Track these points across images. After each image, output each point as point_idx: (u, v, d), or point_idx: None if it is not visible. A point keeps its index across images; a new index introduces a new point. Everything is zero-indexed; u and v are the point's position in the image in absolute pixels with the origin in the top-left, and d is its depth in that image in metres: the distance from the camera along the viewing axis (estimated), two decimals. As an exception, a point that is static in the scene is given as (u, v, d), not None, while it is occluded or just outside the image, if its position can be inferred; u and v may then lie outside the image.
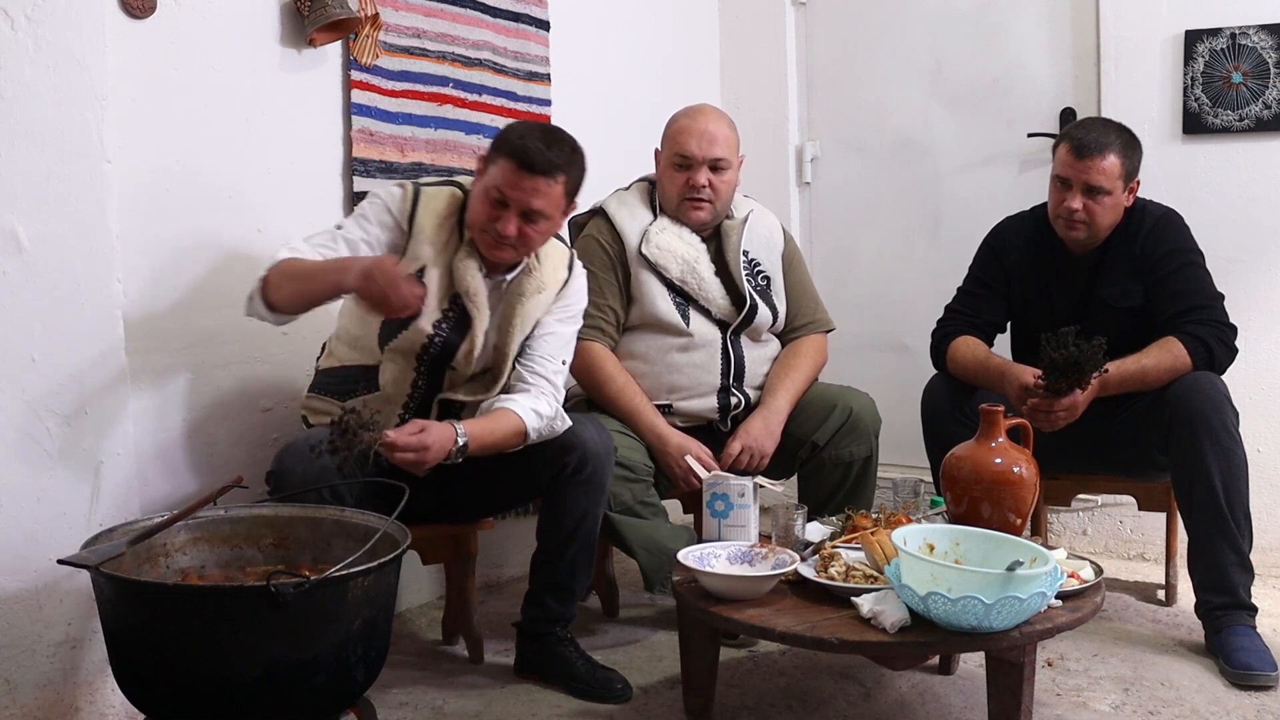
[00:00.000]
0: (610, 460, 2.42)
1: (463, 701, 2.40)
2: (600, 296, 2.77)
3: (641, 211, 2.85)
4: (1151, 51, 3.31)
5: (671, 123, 2.85)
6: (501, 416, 2.30)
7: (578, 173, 2.32)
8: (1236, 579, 2.51)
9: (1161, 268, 2.69)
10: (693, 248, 2.80)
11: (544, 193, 2.25)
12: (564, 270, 2.48)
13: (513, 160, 2.23)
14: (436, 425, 2.19)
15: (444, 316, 2.34)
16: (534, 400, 2.35)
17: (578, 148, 2.32)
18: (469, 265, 2.33)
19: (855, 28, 3.89)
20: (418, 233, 2.33)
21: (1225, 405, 2.51)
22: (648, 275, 2.78)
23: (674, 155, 2.78)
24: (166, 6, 2.41)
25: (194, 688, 1.77)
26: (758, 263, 2.87)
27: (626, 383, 2.75)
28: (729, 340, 2.81)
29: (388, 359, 2.35)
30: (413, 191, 2.36)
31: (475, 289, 2.33)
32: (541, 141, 2.24)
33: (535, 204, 2.25)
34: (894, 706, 2.34)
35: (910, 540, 1.98)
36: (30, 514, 2.06)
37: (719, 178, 2.78)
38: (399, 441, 2.09)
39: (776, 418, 2.76)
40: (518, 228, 2.26)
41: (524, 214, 2.26)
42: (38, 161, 2.04)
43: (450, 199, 2.37)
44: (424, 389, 2.37)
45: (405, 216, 2.34)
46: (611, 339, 2.79)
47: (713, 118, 2.82)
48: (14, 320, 2.03)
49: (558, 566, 2.43)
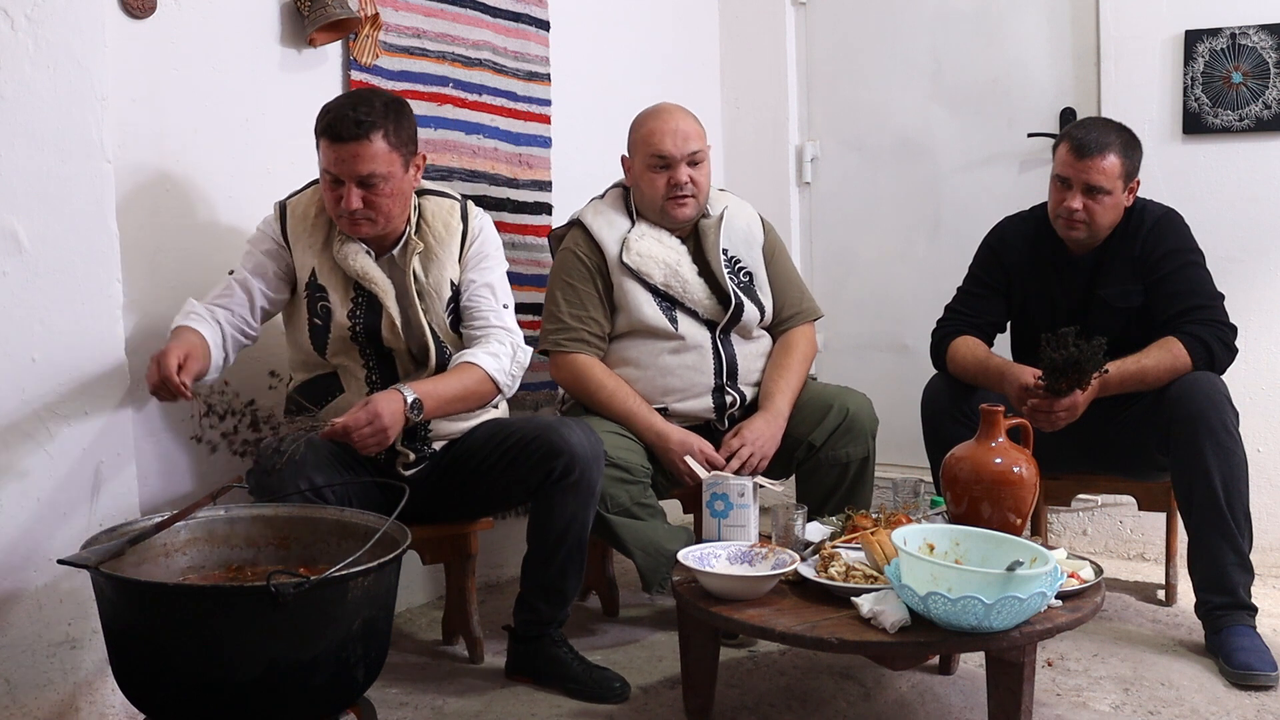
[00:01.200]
0: (599, 464, 2.41)
1: (463, 701, 2.40)
2: (581, 309, 2.77)
3: (619, 219, 2.84)
4: (1151, 51, 3.31)
5: (638, 126, 2.84)
6: (456, 370, 2.34)
7: (395, 123, 2.27)
8: (1236, 579, 2.51)
9: (1161, 268, 2.69)
10: (674, 251, 2.80)
11: (366, 155, 2.23)
12: (457, 221, 2.46)
13: (325, 137, 2.25)
14: (381, 394, 2.21)
15: (354, 304, 2.36)
16: (484, 346, 2.38)
17: (391, 103, 2.30)
18: (349, 250, 2.34)
19: (855, 28, 3.89)
20: (294, 243, 2.37)
21: (1225, 405, 2.51)
22: (631, 283, 2.77)
23: (650, 158, 2.77)
24: (166, 6, 2.41)
25: (194, 688, 1.77)
26: (738, 259, 2.87)
27: (618, 386, 2.75)
28: (719, 339, 2.81)
29: (337, 363, 2.39)
30: (279, 208, 2.40)
31: (363, 267, 2.34)
32: (348, 107, 2.24)
33: (363, 169, 2.24)
34: (894, 706, 2.34)
35: (910, 540, 1.98)
36: (30, 514, 2.06)
37: (698, 171, 2.78)
38: (349, 421, 2.13)
39: (779, 420, 2.76)
40: (361, 198, 2.26)
41: (359, 182, 2.25)
42: (38, 161, 2.05)
43: (315, 196, 2.39)
44: (380, 383, 2.37)
45: (279, 234, 2.38)
46: (598, 349, 2.79)
47: (679, 114, 2.82)
48: (14, 320, 2.04)
49: (548, 570, 2.43)
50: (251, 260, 2.37)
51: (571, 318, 2.76)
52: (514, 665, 2.51)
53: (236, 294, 2.34)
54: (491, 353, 2.37)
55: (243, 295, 2.34)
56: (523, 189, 3.22)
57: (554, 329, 2.78)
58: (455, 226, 2.45)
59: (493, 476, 2.41)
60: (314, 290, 2.37)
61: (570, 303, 2.77)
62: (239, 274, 2.36)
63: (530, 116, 3.23)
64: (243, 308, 2.34)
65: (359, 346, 2.37)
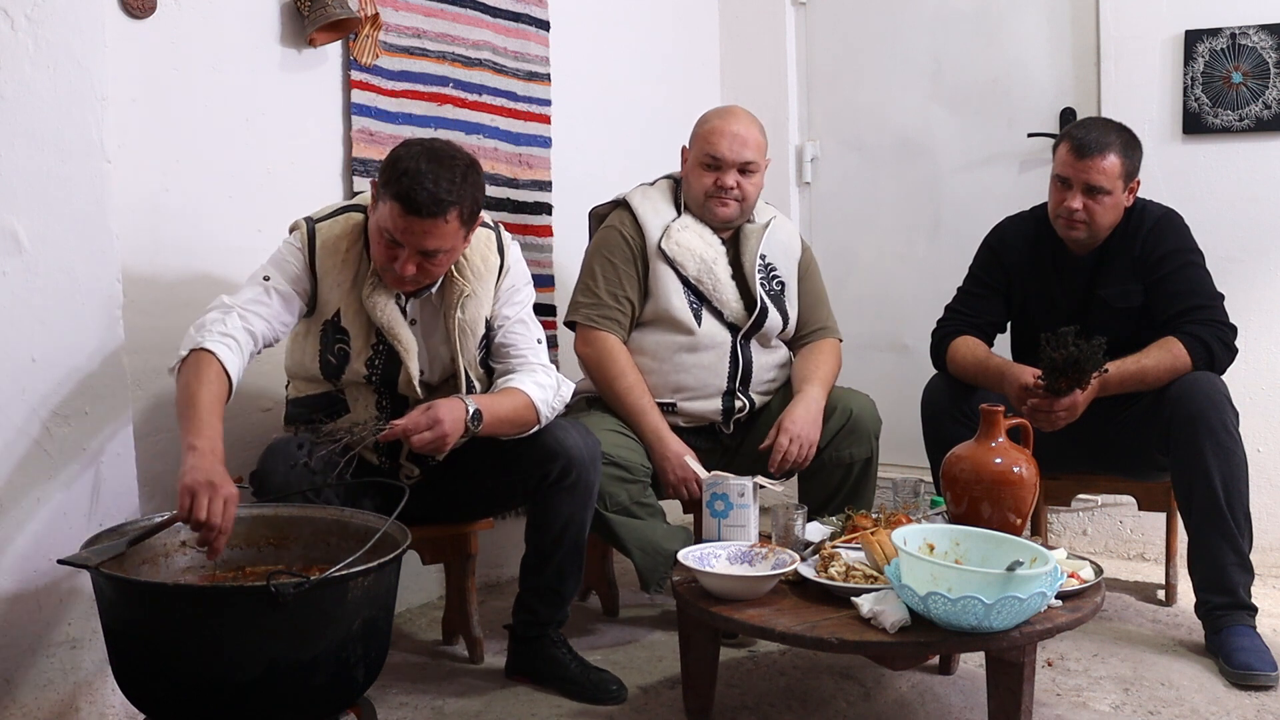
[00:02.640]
0: (597, 466, 2.41)
1: (463, 701, 2.40)
2: (619, 288, 2.77)
3: (665, 207, 2.85)
4: (1151, 51, 3.31)
5: (703, 122, 2.85)
6: (506, 392, 2.31)
7: (471, 198, 2.16)
8: (1236, 579, 2.51)
9: (1161, 268, 2.69)
10: (712, 248, 2.80)
11: (437, 233, 2.13)
12: (494, 256, 2.39)
13: (399, 204, 2.10)
14: (444, 400, 2.19)
15: (374, 352, 2.30)
16: (531, 376, 2.35)
17: (469, 169, 2.17)
18: (378, 300, 2.26)
19: (855, 28, 3.90)
20: (322, 277, 2.26)
21: (1225, 405, 2.51)
22: (665, 270, 2.77)
23: (704, 155, 2.78)
24: (166, 6, 2.41)
25: (194, 688, 1.77)
26: (774, 267, 2.88)
27: (636, 381, 2.75)
28: (739, 344, 2.81)
29: (346, 388, 2.35)
30: (307, 233, 2.26)
31: (391, 322, 2.26)
32: (430, 177, 2.09)
33: (430, 245, 2.14)
34: (894, 706, 2.34)
35: (910, 540, 1.98)
36: (30, 514, 2.06)
37: (747, 180, 2.79)
38: (409, 424, 2.10)
39: (816, 405, 2.74)
40: (417, 265, 2.17)
41: (421, 253, 2.16)
42: (38, 161, 2.04)
43: (347, 227, 2.28)
44: (390, 409, 2.34)
45: (306, 264, 2.25)
46: (626, 332, 2.79)
47: (744, 121, 2.82)
48: (14, 320, 2.03)
49: (545, 571, 2.43)
50: (287, 272, 2.23)
51: (609, 294, 2.76)
52: (513, 665, 2.51)
53: (275, 302, 2.21)
54: (538, 383, 2.34)
55: (281, 305, 2.21)
56: (523, 189, 3.22)
57: (589, 303, 2.77)
58: (493, 262, 2.38)
59: (491, 479, 2.41)
60: (334, 330, 2.29)
61: (609, 280, 2.76)
62: (278, 284, 2.22)
63: (530, 116, 3.23)
64: (280, 318, 2.22)
65: (373, 388, 2.33)
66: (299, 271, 2.25)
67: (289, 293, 2.23)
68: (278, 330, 2.22)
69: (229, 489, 1.85)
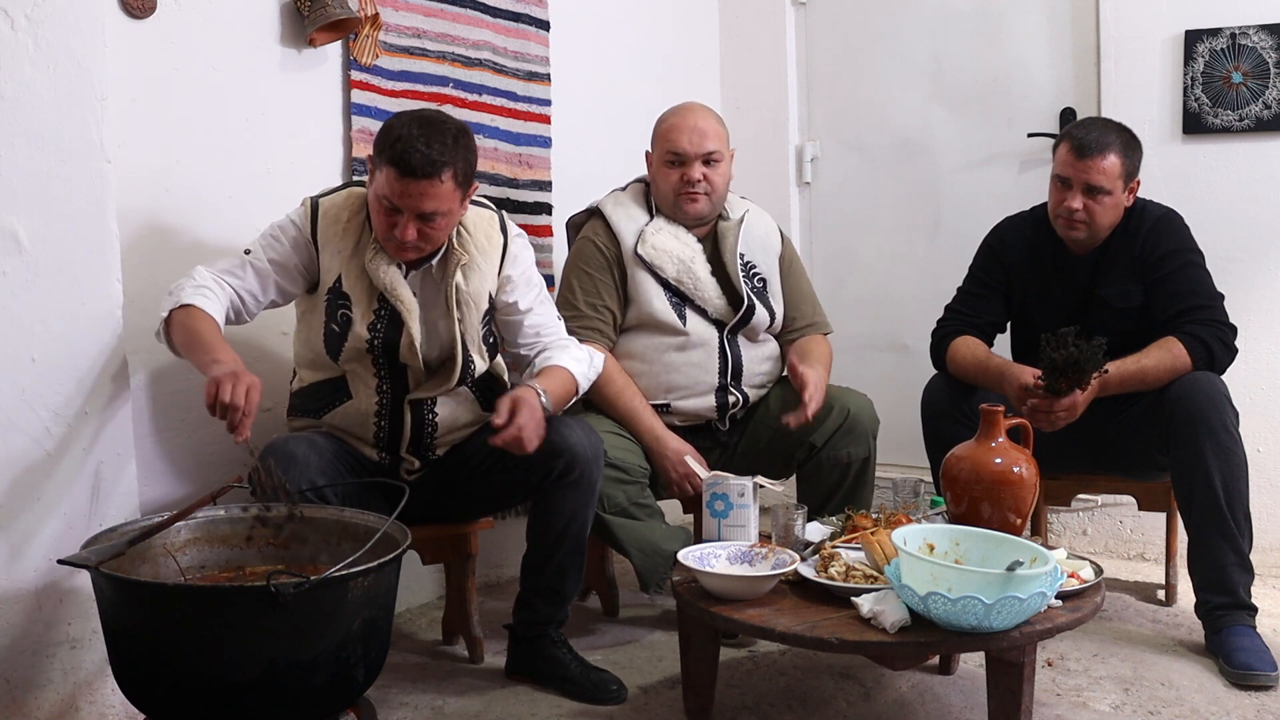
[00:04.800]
0: (600, 463, 2.41)
1: (463, 701, 2.39)
2: (597, 298, 2.78)
3: (638, 212, 2.86)
4: (1151, 51, 3.31)
5: (660, 122, 2.86)
6: (550, 371, 2.41)
7: (464, 160, 2.22)
8: (1236, 579, 2.51)
9: (1161, 268, 2.69)
10: (689, 247, 2.81)
11: (433, 194, 2.18)
12: (498, 234, 2.44)
13: (394, 168, 2.16)
14: (518, 393, 2.28)
15: (376, 316, 2.32)
16: (566, 351, 2.49)
17: (460, 133, 2.23)
18: (380, 263, 2.29)
19: (855, 28, 3.89)
20: (323, 246, 2.31)
21: (1225, 405, 2.51)
22: (643, 275, 2.78)
23: (666, 154, 2.79)
24: (166, 6, 2.41)
25: (194, 688, 1.77)
26: (754, 265, 2.87)
27: (626, 384, 2.75)
28: (726, 339, 2.81)
29: (348, 368, 2.36)
30: (311, 206, 2.33)
31: (393, 282, 2.30)
32: (421, 140, 2.15)
33: (426, 207, 2.19)
34: (894, 706, 2.34)
35: (910, 540, 1.98)
36: (30, 514, 2.06)
37: (713, 171, 2.79)
38: (518, 436, 2.21)
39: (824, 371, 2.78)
40: (417, 230, 2.22)
41: (419, 216, 2.21)
42: (38, 161, 2.04)
43: (349, 200, 2.34)
44: (390, 392, 2.36)
45: (308, 233, 2.31)
46: (609, 339, 2.79)
47: (700, 113, 2.83)
48: (14, 320, 2.03)
49: (547, 570, 2.43)
50: (275, 249, 2.30)
51: (587, 306, 2.77)
52: (514, 665, 2.51)
53: (249, 277, 2.27)
54: (576, 357, 2.49)
55: (255, 281, 2.27)
56: (523, 189, 3.22)
57: (569, 315, 2.77)
58: (496, 240, 2.43)
59: (493, 476, 2.41)
60: (336, 297, 2.32)
61: (586, 291, 2.78)
62: (258, 258, 2.28)
63: (530, 116, 3.23)
64: (252, 292, 2.28)
65: (373, 357, 2.34)
66: (302, 238, 2.31)
67: (265, 269, 2.29)
68: (249, 303, 2.28)
69: (252, 378, 1.97)
